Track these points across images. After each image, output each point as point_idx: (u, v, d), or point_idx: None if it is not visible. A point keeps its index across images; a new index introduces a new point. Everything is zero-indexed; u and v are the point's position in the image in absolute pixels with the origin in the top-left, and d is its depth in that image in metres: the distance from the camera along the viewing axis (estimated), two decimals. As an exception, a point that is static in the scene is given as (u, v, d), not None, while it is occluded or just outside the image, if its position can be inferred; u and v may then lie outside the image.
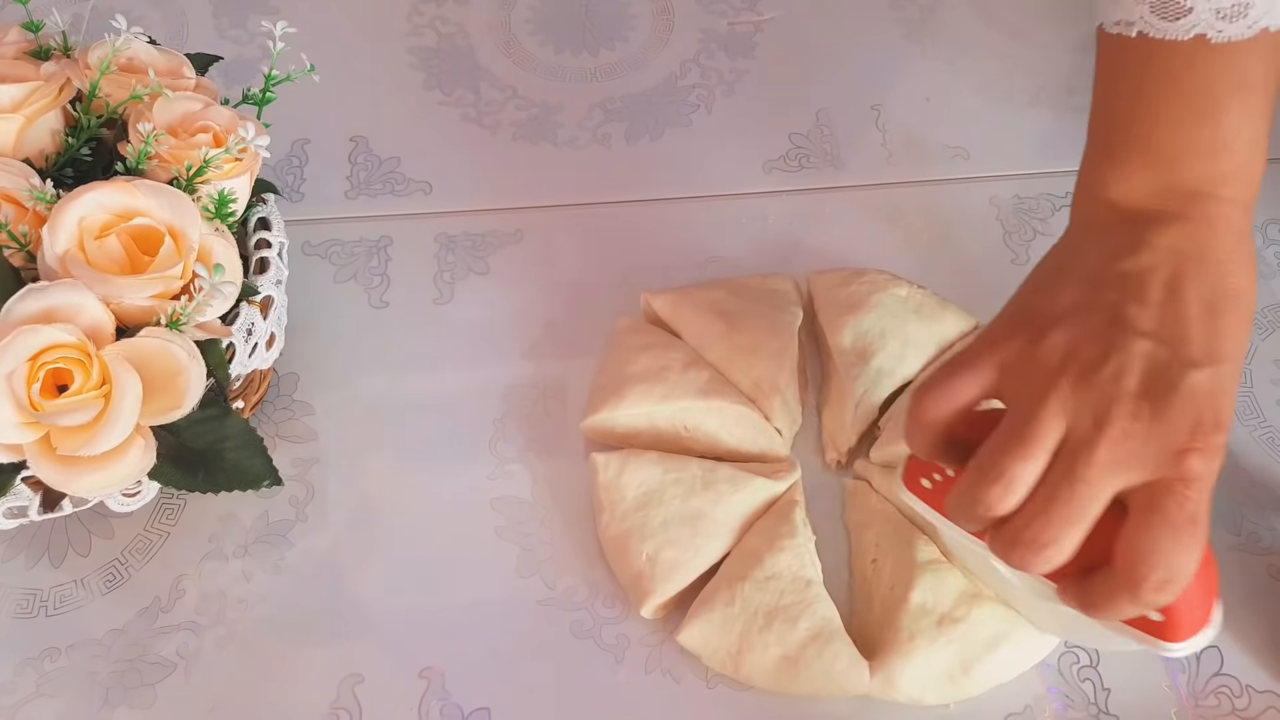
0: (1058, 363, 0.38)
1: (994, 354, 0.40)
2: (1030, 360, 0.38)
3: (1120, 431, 0.36)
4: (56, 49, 0.54)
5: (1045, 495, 0.37)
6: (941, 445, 0.40)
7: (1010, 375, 0.39)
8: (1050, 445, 0.37)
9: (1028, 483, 0.37)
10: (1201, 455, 0.35)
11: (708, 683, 0.49)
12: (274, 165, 0.67)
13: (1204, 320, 0.38)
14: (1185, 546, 0.36)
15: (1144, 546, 0.36)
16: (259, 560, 0.53)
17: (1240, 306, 0.39)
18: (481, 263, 0.63)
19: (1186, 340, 0.37)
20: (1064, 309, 0.39)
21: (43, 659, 0.51)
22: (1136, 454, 0.36)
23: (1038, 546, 0.36)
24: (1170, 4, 0.39)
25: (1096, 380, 0.37)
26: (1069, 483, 0.36)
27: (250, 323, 0.51)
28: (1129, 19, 0.41)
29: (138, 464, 0.44)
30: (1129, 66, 0.41)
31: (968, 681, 0.47)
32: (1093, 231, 0.43)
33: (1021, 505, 0.37)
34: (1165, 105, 0.41)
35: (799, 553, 0.49)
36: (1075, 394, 0.37)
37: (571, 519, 0.54)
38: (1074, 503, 0.36)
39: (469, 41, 0.74)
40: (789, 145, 0.68)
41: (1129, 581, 0.36)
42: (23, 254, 0.47)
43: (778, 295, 0.59)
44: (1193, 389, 0.36)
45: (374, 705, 0.49)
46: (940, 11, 0.75)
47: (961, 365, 0.40)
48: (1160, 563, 0.35)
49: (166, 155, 0.49)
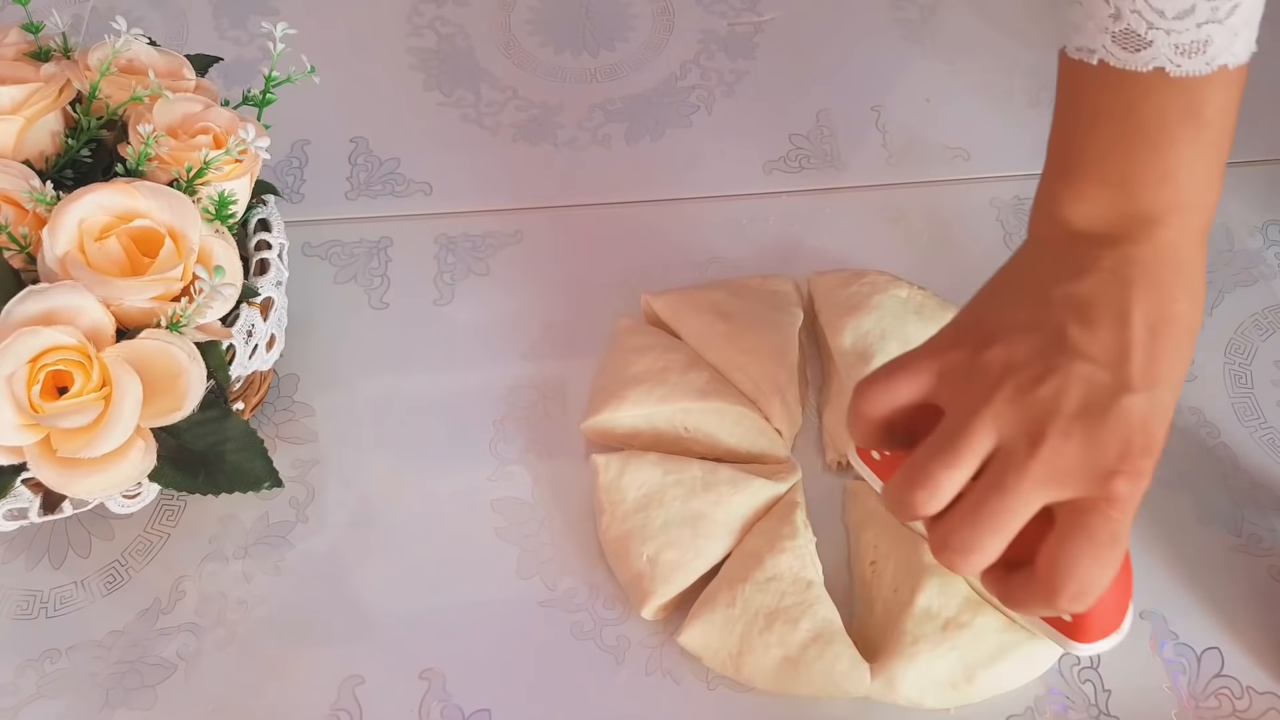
0: (996, 376, 0.39)
1: (936, 360, 0.41)
2: (970, 370, 0.40)
3: (1051, 450, 0.37)
4: (56, 50, 0.54)
5: (973, 503, 0.38)
6: (879, 436, 0.42)
7: (949, 382, 0.40)
8: (979, 455, 0.38)
9: (952, 489, 0.38)
10: (1128, 478, 0.37)
11: (708, 684, 0.49)
12: (274, 166, 0.67)
13: (1144, 345, 0.39)
14: (1103, 563, 0.37)
15: (1065, 558, 0.37)
16: (259, 561, 0.53)
17: (1180, 332, 0.40)
18: (481, 264, 0.63)
19: (1125, 365, 0.38)
20: (1009, 324, 0.40)
21: (43, 660, 0.51)
22: (1065, 472, 0.37)
23: (963, 551, 0.38)
24: (1131, 36, 0.40)
25: (1033, 397, 0.38)
26: (997, 493, 0.37)
27: (250, 324, 0.51)
28: (1090, 46, 0.41)
29: (138, 466, 0.44)
30: (1087, 91, 0.42)
31: (970, 689, 0.47)
32: (1045, 249, 0.43)
33: (951, 509, 0.38)
34: (1120, 132, 0.41)
35: (800, 554, 0.49)
36: (1010, 408, 0.38)
37: (572, 520, 0.54)
38: (1000, 513, 0.37)
39: (469, 42, 0.74)
40: (789, 146, 0.68)
41: (1047, 588, 0.38)
42: (23, 256, 0.47)
43: (778, 296, 0.59)
44: (1126, 413, 0.37)
45: (374, 706, 0.49)
46: (940, 11, 0.75)
47: (902, 367, 0.41)
48: (1078, 575, 0.37)
49: (166, 157, 0.49)
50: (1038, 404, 0.38)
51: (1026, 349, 0.39)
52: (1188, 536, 0.53)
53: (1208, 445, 0.56)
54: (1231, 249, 0.63)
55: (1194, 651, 0.50)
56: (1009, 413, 0.38)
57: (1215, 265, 0.62)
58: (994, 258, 0.65)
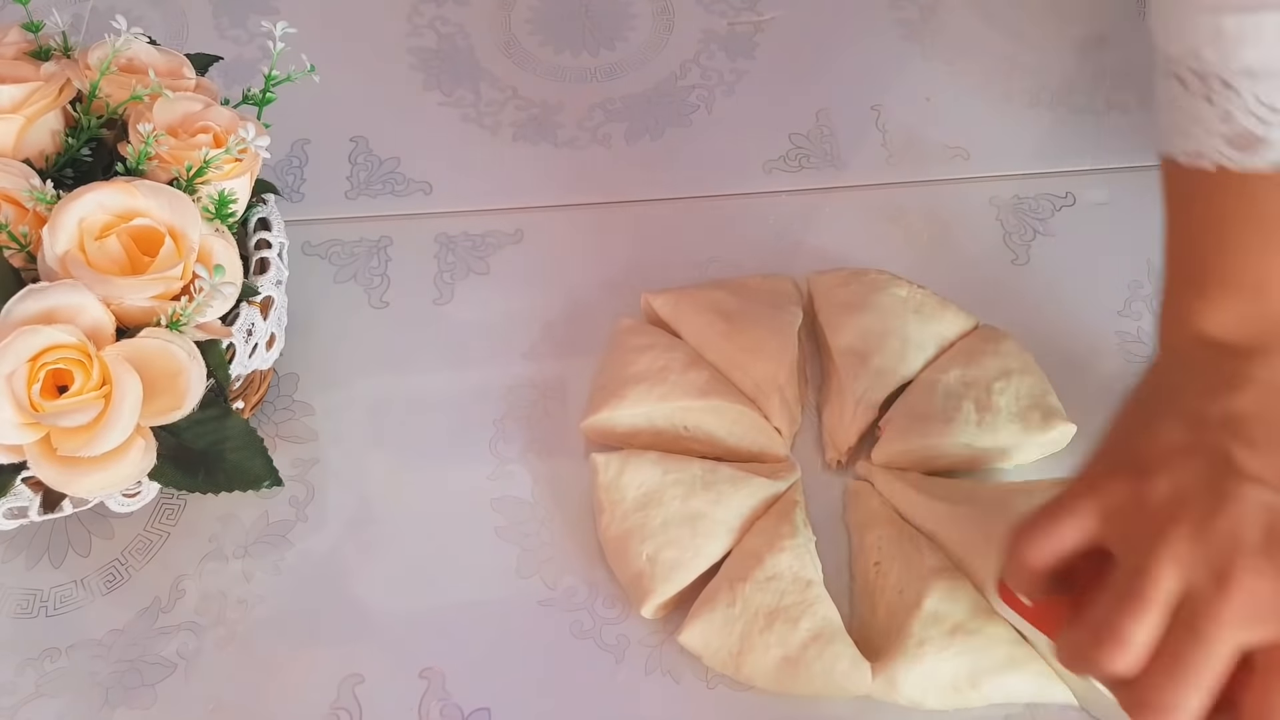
0: (1167, 511, 0.37)
1: (1096, 498, 0.39)
2: (1137, 507, 0.38)
3: (1245, 590, 0.35)
4: (56, 49, 0.54)
5: (1170, 656, 0.36)
6: (1043, 585, 0.40)
7: (1116, 522, 0.38)
8: (1167, 602, 0.36)
9: (1145, 643, 0.36)
10: None
11: (708, 683, 0.49)
12: (274, 165, 0.67)
13: None
14: None
15: (1274, 705, 0.35)
16: (259, 561, 0.53)
17: None
18: (481, 263, 0.63)
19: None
20: (1166, 450, 0.38)
21: (43, 659, 0.51)
22: (1263, 612, 0.35)
23: (1167, 710, 0.36)
24: (1246, 136, 0.39)
25: (1213, 532, 0.36)
26: (1193, 643, 0.35)
27: (250, 323, 0.51)
28: (1201, 150, 0.40)
29: (138, 465, 0.44)
30: (1205, 196, 0.41)
31: (973, 694, 0.47)
32: (1185, 364, 0.42)
33: (1145, 666, 0.36)
34: (1246, 234, 0.40)
35: (800, 553, 0.49)
36: (1192, 547, 0.36)
37: (571, 519, 0.54)
38: (1200, 665, 0.35)
39: (469, 42, 0.74)
40: (789, 145, 0.68)
41: None
42: (23, 255, 0.47)
43: (778, 295, 0.59)
44: None
45: (374, 705, 0.49)
46: (940, 11, 0.75)
47: (1063, 510, 0.39)
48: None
49: (166, 156, 0.49)
50: (1219, 539, 0.36)
51: (1193, 477, 0.37)
52: (1187, 536, 0.53)
53: (1207, 444, 0.56)
54: (1231, 248, 0.63)
55: (1193, 650, 0.50)
56: (1191, 552, 0.36)
57: (1215, 265, 0.62)
58: (994, 257, 0.65)
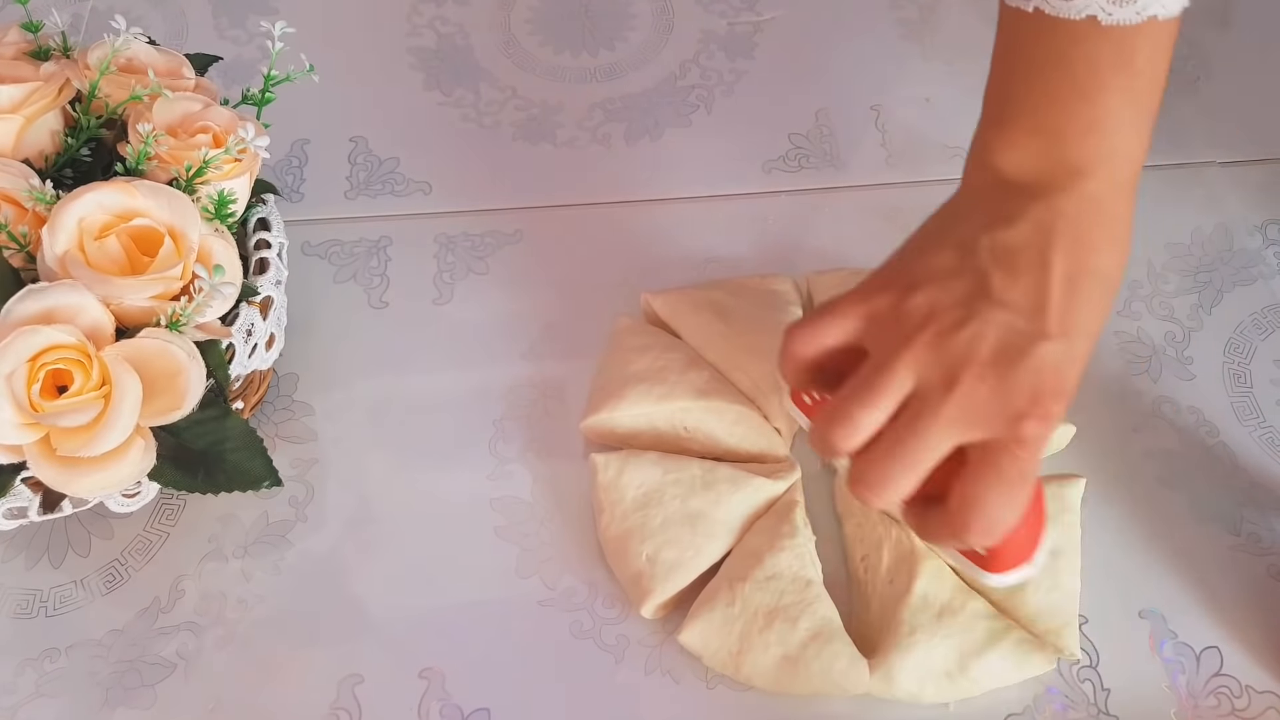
0: (918, 321, 0.40)
1: (863, 305, 0.42)
2: (894, 315, 0.41)
3: (964, 393, 0.39)
4: (56, 49, 0.54)
5: (889, 441, 0.40)
6: (808, 377, 0.44)
7: (874, 326, 0.42)
8: (897, 397, 0.40)
9: (870, 428, 0.40)
10: (1038, 421, 0.38)
11: (707, 683, 0.49)
12: (274, 165, 0.67)
13: (1062, 296, 0.40)
14: (1011, 500, 0.39)
15: (974, 495, 0.39)
16: (259, 561, 0.53)
17: (1100, 284, 0.41)
18: (481, 263, 0.63)
19: (1042, 314, 0.40)
20: (935, 271, 0.42)
21: (43, 659, 0.51)
22: (977, 414, 0.39)
23: (877, 486, 0.40)
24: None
25: (951, 342, 0.39)
26: (911, 433, 0.39)
27: (250, 323, 0.51)
28: None
29: (138, 465, 0.44)
30: (1023, 40, 0.43)
31: (965, 681, 0.47)
32: (976, 197, 0.44)
33: (868, 447, 0.40)
34: (1052, 80, 0.42)
35: (799, 553, 0.49)
36: (929, 352, 0.39)
37: (571, 519, 0.54)
38: (913, 452, 0.39)
39: (469, 41, 0.74)
40: (789, 145, 0.68)
41: (958, 523, 0.40)
42: (22, 255, 0.47)
43: (777, 295, 0.59)
44: (1040, 360, 0.39)
45: (374, 705, 0.49)
46: (940, 11, 0.75)
47: (831, 312, 0.43)
48: (986, 512, 0.39)
49: (166, 156, 0.49)
50: (955, 349, 0.39)
51: (949, 296, 0.40)
52: (1187, 536, 0.53)
53: (1207, 445, 0.56)
54: (1231, 249, 0.63)
55: (1193, 651, 0.50)
56: (927, 357, 0.39)
57: (1215, 265, 0.62)
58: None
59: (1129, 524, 0.53)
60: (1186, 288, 0.61)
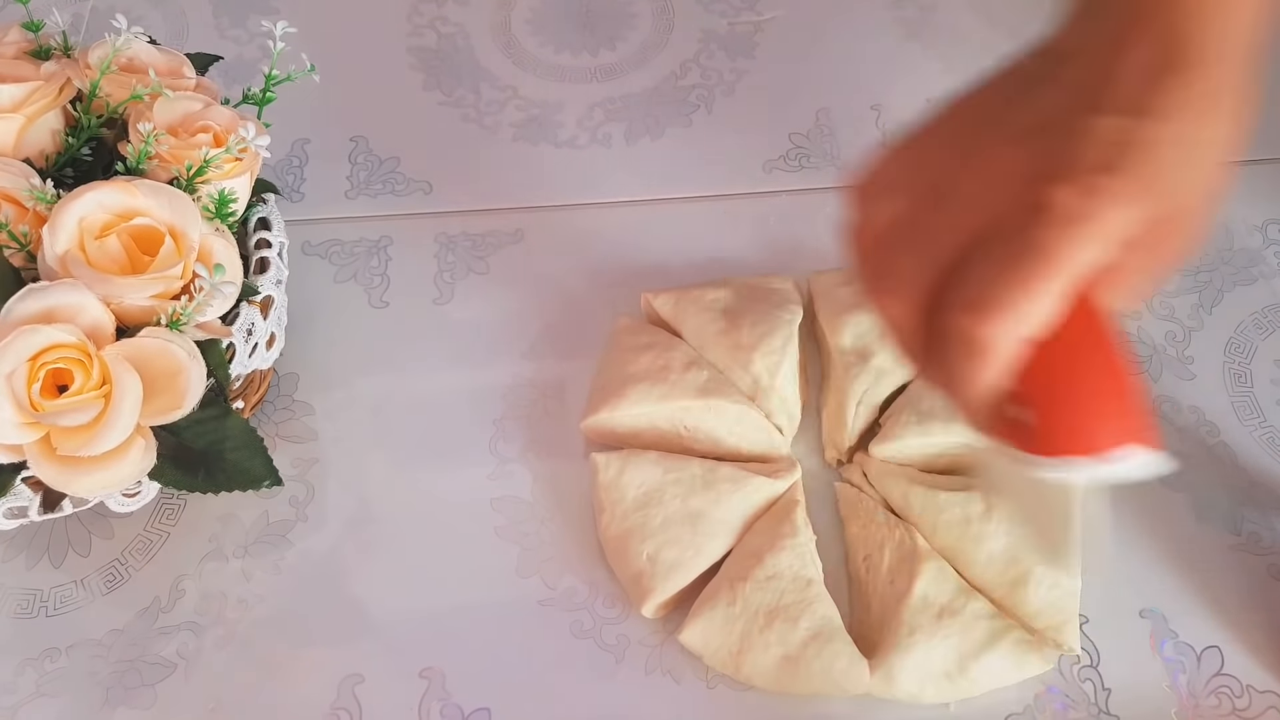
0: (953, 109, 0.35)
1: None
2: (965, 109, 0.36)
3: (986, 157, 0.32)
4: (57, 49, 0.54)
5: (905, 225, 0.34)
6: None
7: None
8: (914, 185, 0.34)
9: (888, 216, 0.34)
10: (1073, 189, 0.30)
11: (708, 683, 0.49)
12: (274, 165, 0.67)
13: (1139, 77, 0.32)
14: (1012, 271, 0.31)
15: (967, 265, 0.32)
16: (259, 560, 0.53)
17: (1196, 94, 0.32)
18: (481, 263, 0.63)
19: (1105, 87, 0.32)
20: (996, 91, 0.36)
21: (43, 659, 0.51)
22: (999, 178, 0.32)
23: (880, 276, 0.34)
24: None
25: (988, 118, 0.33)
26: (926, 210, 0.33)
27: (250, 323, 0.51)
28: None
29: (138, 464, 0.44)
30: None
31: (964, 681, 0.47)
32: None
33: (885, 234, 0.34)
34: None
35: (800, 552, 0.49)
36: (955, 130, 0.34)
37: (571, 519, 0.54)
38: (924, 230, 0.33)
39: (469, 41, 0.74)
40: (789, 145, 0.68)
41: (944, 304, 0.32)
42: (23, 254, 0.47)
43: (778, 295, 0.58)
44: (1090, 129, 0.31)
45: (374, 705, 0.49)
46: (940, 11, 0.75)
47: None
48: (975, 278, 0.31)
49: (167, 155, 0.49)
50: (987, 121, 0.33)
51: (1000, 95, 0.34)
52: (1187, 535, 0.53)
53: (1207, 444, 0.56)
54: (1231, 248, 0.63)
55: (1194, 650, 0.50)
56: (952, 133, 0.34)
57: (1215, 264, 0.62)
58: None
59: (1129, 524, 0.53)
60: (1187, 287, 0.61)
